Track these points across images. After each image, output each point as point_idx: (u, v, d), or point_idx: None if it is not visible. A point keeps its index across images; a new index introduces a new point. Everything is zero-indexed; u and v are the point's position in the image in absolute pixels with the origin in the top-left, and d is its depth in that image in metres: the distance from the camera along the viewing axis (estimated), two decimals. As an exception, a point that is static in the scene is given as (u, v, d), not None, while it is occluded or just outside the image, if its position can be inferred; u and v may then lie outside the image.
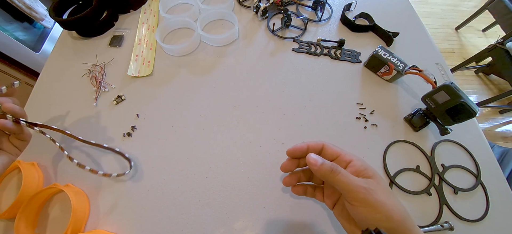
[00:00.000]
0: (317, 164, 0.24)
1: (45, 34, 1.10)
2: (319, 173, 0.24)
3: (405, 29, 0.57)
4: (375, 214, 0.22)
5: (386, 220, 0.22)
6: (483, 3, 1.47)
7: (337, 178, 0.23)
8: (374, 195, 0.22)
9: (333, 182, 0.24)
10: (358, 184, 0.23)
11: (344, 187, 0.23)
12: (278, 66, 0.52)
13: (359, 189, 0.23)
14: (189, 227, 0.35)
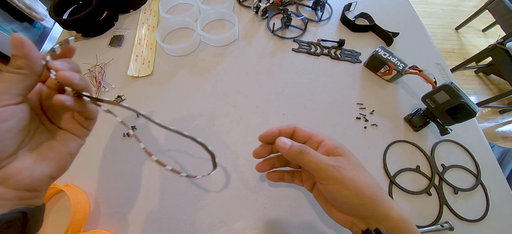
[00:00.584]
0: (286, 147, 0.24)
1: (45, 34, 1.10)
2: (288, 156, 0.24)
3: (405, 29, 0.57)
4: (345, 191, 0.22)
5: (357, 196, 0.22)
6: (483, 3, 1.47)
7: (306, 159, 0.23)
8: (342, 172, 0.22)
9: (303, 164, 0.24)
10: (326, 162, 0.23)
11: (313, 167, 0.23)
12: (278, 66, 0.52)
13: (328, 168, 0.22)
14: (189, 227, 0.35)
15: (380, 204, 0.22)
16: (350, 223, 0.24)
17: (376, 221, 0.22)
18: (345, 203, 0.22)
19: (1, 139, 0.17)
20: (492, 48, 1.28)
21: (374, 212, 0.22)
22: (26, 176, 0.18)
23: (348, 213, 0.24)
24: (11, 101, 0.18)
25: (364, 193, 0.22)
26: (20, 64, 0.19)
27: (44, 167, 0.20)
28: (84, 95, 0.21)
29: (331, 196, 0.23)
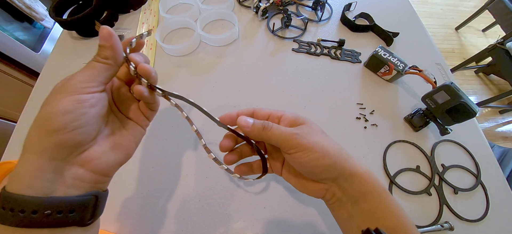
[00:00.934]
0: (249, 125, 0.24)
1: (45, 34, 1.10)
2: (252, 134, 0.24)
3: (405, 29, 0.57)
4: (312, 154, 0.22)
5: (323, 157, 0.22)
6: (483, 3, 1.47)
7: (270, 132, 0.23)
8: (307, 137, 0.23)
9: (268, 139, 0.24)
10: (290, 131, 0.23)
11: (279, 139, 0.23)
12: (278, 66, 0.52)
13: (292, 136, 0.23)
14: (189, 227, 0.35)
15: (345, 162, 0.23)
16: (323, 191, 0.25)
17: (345, 179, 0.23)
18: (314, 167, 0.23)
19: (89, 123, 0.19)
20: (492, 48, 1.28)
21: (342, 170, 0.23)
22: (103, 161, 0.20)
23: (319, 179, 0.24)
24: (98, 89, 0.20)
25: (329, 153, 0.23)
26: (106, 55, 0.21)
27: (116, 153, 0.21)
28: (156, 88, 0.23)
29: (300, 163, 0.23)
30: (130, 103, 0.25)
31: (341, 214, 0.24)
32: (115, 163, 0.21)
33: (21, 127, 0.44)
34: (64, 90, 0.18)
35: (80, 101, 0.18)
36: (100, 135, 0.21)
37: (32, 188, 0.17)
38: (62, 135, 0.17)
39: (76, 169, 0.19)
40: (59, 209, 0.17)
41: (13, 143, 0.43)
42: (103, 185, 0.21)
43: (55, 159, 0.18)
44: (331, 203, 0.25)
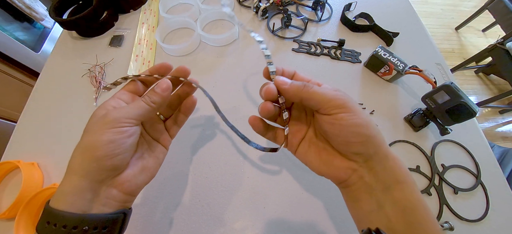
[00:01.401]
0: (287, 84, 0.23)
1: (45, 34, 1.10)
2: (289, 93, 0.23)
3: (405, 29, 0.57)
4: (356, 118, 0.20)
5: (366, 126, 0.21)
6: (483, 3, 1.47)
7: (311, 91, 0.22)
8: (351, 101, 0.21)
9: (308, 98, 0.22)
10: (334, 92, 0.22)
11: (320, 98, 0.21)
12: (278, 66, 0.52)
13: (337, 95, 0.21)
14: (189, 227, 0.35)
15: (382, 142, 0.21)
16: (350, 171, 0.22)
17: (379, 160, 0.21)
18: (355, 133, 0.20)
19: (126, 151, 0.22)
20: (492, 48, 1.28)
21: (378, 148, 0.21)
22: (134, 183, 0.23)
23: (351, 152, 0.22)
24: (137, 123, 0.23)
25: (372, 123, 0.21)
26: (156, 100, 0.24)
27: (144, 175, 0.24)
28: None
29: (340, 126, 0.21)
30: (157, 125, 0.28)
31: (368, 205, 0.21)
32: (142, 183, 0.24)
33: (21, 127, 0.44)
34: (108, 122, 0.21)
35: (121, 132, 0.21)
36: (132, 159, 0.24)
37: (74, 206, 0.19)
38: (105, 161, 0.20)
39: (111, 189, 0.21)
40: (95, 225, 0.20)
41: (13, 143, 0.43)
42: (129, 203, 0.24)
43: (96, 181, 0.20)
44: (354, 189, 0.22)
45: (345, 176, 0.22)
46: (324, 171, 0.24)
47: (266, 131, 0.27)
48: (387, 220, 0.20)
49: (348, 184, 0.23)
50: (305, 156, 0.25)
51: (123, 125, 0.21)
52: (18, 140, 0.43)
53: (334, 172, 0.23)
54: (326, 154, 0.24)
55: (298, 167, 0.40)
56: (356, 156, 0.22)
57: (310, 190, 0.38)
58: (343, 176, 0.22)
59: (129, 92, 0.26)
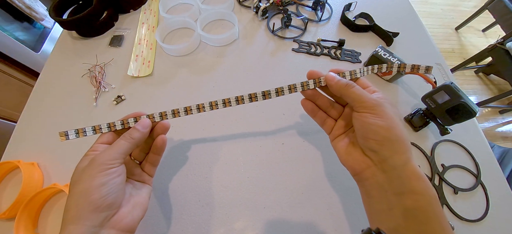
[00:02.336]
0: (334, 80, 0.27)
1: (45, 34, 1.10)
2: (335, 88, 0.27)
3: (405, 29, 0.57)
4: (379, 121, 0.23)
5: (388, 129, 0.23)
6: (483, 3, 1.47)
7: (351, 90, 0.25)
8: (382, 107, 0.24)
9: (346, 94, 0.26)
10: (370, 96, 0.25)
11: (355, 97, 0.25)
12: (278, 66, 0.52)
13: (370, 100, 0.24)
14: (189, 227, 0.35)
15: (404, 151, 0.23)
16: (364, 165, 0.24)
17: (393, 166, 0.22)
18: (374, 132, 0.23)
19: (117, 190, 0.23)
20: (492, 48, 1.28)
21: (395, 154, 0.22)
22: (130, 219, 0.24)
23: (368, 147, 0.24)
24: (120, 161, 0.25)
25: (395, 131, 0.23)
26: (137, 136, 0.27)
27: (137, 210, 0.26)
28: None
29: (363, 124, 0.24)
30: (134, 169, 0.30)
31: (379, 204, 0.23)
32: (138, 218, 0.25)
33: (21, 127, 0.44)
34: (96, 167, 0.23)
35: (109, 174, 0.23)
36: (123, 199, 0.25)
37: None
38: (100, 203, 0.21)
39: (109, 230, 0.22)
40: None
41: (13, 143, 0.43)
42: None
43: (94, 226, 0.21)
44: (367, 184, 0.24)
45: (359, 168, 0.25)
46: (344, 159, 0.27)
47: (315, 113, 0.31)
48: (396, 224, 0.21)
49: (362, 177, 0.25)
50: (337, 145, 0.29)
51: (110, 166, 0.23)
52: (18, 140, 0.43)
53: (351, 162, 0.26)
54: (351, 146, 0.27)
55: (298, 167, 0.40)
56: (371, 153, 0.24)
57: (310, 190, 0.38)
58: (357, 168, 0.25)
59: (104, 143, 0.28)
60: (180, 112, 0.31)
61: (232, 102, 0.32)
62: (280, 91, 0.29)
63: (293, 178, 0.39)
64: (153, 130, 0.31)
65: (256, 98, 0.30)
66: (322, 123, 0.31)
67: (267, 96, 0.30)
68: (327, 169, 0.40)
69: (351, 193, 0.38)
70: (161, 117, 0.30)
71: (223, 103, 0.32)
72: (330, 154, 0.41)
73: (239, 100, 0.32)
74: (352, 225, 0.36)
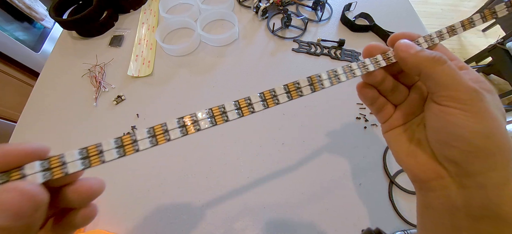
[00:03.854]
0: (412, 49, 0.18)
1: (45, 34, 1.10)
2: (412, 62, 0.18)
3: (405, 29, 0.57)
4: (474, 124, 0.15)
5: (486, 137, 0.15)
6: (483, 3, 1.47)
7: (440, 68, 0.16)
8: (483, 102, 0.15)
9: (430, 74, 0.17)
10: (466, 81, 0.16)
11: (444, 82, 0.16)
12: (278, 66, 0.52)
13: (467, 89, 0.16)
14: (189, 227, 0.35)
15: (507, 164, 0.15)
16: (433, 174, 0.17)
17: (482, 185, 0.15)
18: (462, 138, 0.15)
19: None
20: (492, 48, 1.28)
21: (491, 169, 0.15)
22: None
23: (447, 156, 0.17)
24: None
25: (498, 139, 0.15)
26: None
27: None
28: None
29: (445, 123, 0.16)
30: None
31: (442, 219, 0.17)
32: None
33: (21, 127, 0.44)
34: None
35: None
36: None
37: None
38: None
39: None
40: None
41: (13, 143, 0.43)
42: None
43: None
44: (432, 196, 0.18)
45: (424, 177, 0.18)
46: (404, 162, 0.20)
47: (375, 100, 0.22)
48: None
49: (426, 188, 0.18)
50: (394, 139, 0.21)
51: None
52: (18, 140, 0.43)
53: (414, 167, 0.19)
54: (416, 145, 0.19)
55: (298, 167, 0.40)
56: (449, 163, 0.17)
57: (310, 190, 0.38)
58: (422, 176, 0.18)
59: None
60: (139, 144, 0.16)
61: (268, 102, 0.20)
62: (334, 79, 0.20)
63: (293, 178, 0.39)
64: (62, 192, 0.15)
65: (300, 93, 0.20)
66: (378, 109, 0.22)
67: (316, 87, 0.20)
68: (327, 168, 0.40)
69: (351, 193, 0.38)
70: (88, 160, 0.14)
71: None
72: (330, 154, 0.41)
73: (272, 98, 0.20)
74: (352, 225, 0.36)
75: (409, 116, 0.21)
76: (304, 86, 0.20)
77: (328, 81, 0.20)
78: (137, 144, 0.15)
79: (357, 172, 0.39)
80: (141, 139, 0.16)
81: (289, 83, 0.19)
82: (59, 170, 0.13)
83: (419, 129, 0.20)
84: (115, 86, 0.48)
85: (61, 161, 0.13)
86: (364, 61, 0.20)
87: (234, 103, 0.19)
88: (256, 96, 0.19)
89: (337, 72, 0.19)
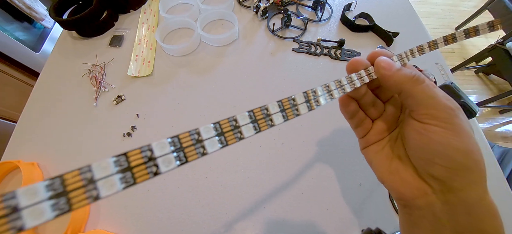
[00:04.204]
0: (392, 68, 0.18)
1: (45, 34, 1.10)
2: (392, 80, 0.18)
3: (405, 29, 0.57)
4: (454, 141, 0.16)
5: (465, 154, 0.16)
6: (483, 3, 1.47)
7: (419, 87, 0.17)
8: (460, 119, 0.16)
9: (411, 93, 0.18)
10: (445, 101, 0.17)
11: (424, 101, 0.17)
12: (278, 66, 0.52)
13: (445, 107, 0.16)
14: (189, 227, 0.35)
15: (483, 178, 0.16)
16: (419, 192, 0.18)
17: (464, 200, 0.16)
18: (445, 156, 0.16)
19: None
20: (492, 48, 1.28)
21: (470, 186, 0.16)
22: None
23: (431, 174, 0.17)
24: None
25: (475, 155, 0.16)
26: None
27: None
28: None
29: (428, 141, 0.17)
30: None
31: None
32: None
33: (21, 127, 0.44)
34: None
35: None
36: None
37: None
38: None
39: None
40: None
41: (13, 143, 0.43)
42: None
43: None
44: (417, 215, 0.18)
45: (409, 195, 0.18)
46: (387, 179, 0.20)
47: (355, 114, 0.22)
48: None
49: (411, 205, 0.18)
50: (374, 156, 0.21)
51: None
52: (18, 140, 0.43)
53: (399, 185, 0.19)
54: (398, 163, 0.19)
55: (298, 167, 0.40)
56: (433, 180, 0.17)
57: (310, 190, 0.38)
58: (407, 194, 0.18)
59: None
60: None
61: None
62: (327, 95, 0.18)
63: (293, 178, 0.39)
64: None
65: (296, 113, 0.16)
66: (357, 124, 0.23)
67: (312, 105, 0.17)
68: (327, 168, 0.40)
69: (351, 193, 0.38)
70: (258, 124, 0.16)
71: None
72: (330, 154, 0.41)
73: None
74: (352, 225, 0.36)
75: (385, 131, 0.22)
76: (300, 103, 0.17)
77: (323, 98, 0.18)
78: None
79: (357, 172, 0.40)
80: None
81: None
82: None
83: (397, 145, 0.21)
84: (115, 86, 0.48)
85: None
86: (350, 76, 0.19)
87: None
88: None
89: (330, 88, 0.18)
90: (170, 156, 0.12)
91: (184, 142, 0.12)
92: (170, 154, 0.12)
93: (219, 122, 0.15)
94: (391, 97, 0.23)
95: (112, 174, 0.09)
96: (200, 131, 0.13)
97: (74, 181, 0.09)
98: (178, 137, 0.12)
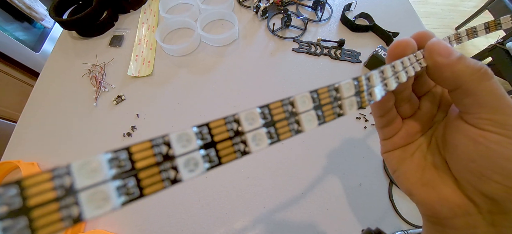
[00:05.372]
0: (451, 56, 0.14)
1: (45, 34, 1.10)
2: (448, 72, 0.14)
3: (405, 29, 0.57)
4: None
5: None
6: (483, 3, 1.47)
7: (485, 85, 0.13)
8: None
9: (471, 90, 0.13)
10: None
11: (490, 103, 0.13)
12: (278, 66, 0.52)
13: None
14: (189, 227, 0.35)
15: None
16: (459, 211, 0.14)
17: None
18: (507, 172, 0.13)
19: None
20: (492, 48, 1.28)
21: None
22: None
23: (482, 191, 0.14)
24: None
25: None
26: None
27: None
28: None
29: (486, 149, 0.13)
30: None
31: None
32: None
33: (21, 127, 0.44)
34: None
35: None
36: None
37: None
38: None
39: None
40: None
41: (13, 143, 0.43)
42: None
43: None
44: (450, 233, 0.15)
45: (447, 214, 0.15)
46: (418, 192, 0.16)
47: (387, 111, 0.18)
48: None
49: (445, 224, 0.15)
50: (401, 163, 0.17)
51: None
52: (18, 140, 0.43)
53: (434, 201, 0.15)
54: (433, 173, 0.16)
55: (298, 167, 0.40)
56: (483, 198, 0.14)
57: (310, 190, 0.38)
58: (445, 213, 0.15)
59: None
60: None
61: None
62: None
63: (293, 178, 0.39)
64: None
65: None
66: (387, 123, 0.19)
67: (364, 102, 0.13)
68: (327, 169, 0.40)
69: (351, 193, 0.38)
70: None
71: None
72: (330, 154, 0.41)
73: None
74: (352, 225, 0.36)
75: (417, 133, 0.18)
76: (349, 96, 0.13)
77: (378, 89, 0.14)
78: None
79: (357, 172, 0.40)
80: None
81: None
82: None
83: (431, 150, 0.17)
84: (115, 86, 0.48)
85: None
86: (402, 61, 0.15)
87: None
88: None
89: (384, 75, 0.14)
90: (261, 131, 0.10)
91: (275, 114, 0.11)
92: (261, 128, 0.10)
93: (317, 90, 0.12)
94: (427, 92, 0.18)
95: (194, 150, 0.08)
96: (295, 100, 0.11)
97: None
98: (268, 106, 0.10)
